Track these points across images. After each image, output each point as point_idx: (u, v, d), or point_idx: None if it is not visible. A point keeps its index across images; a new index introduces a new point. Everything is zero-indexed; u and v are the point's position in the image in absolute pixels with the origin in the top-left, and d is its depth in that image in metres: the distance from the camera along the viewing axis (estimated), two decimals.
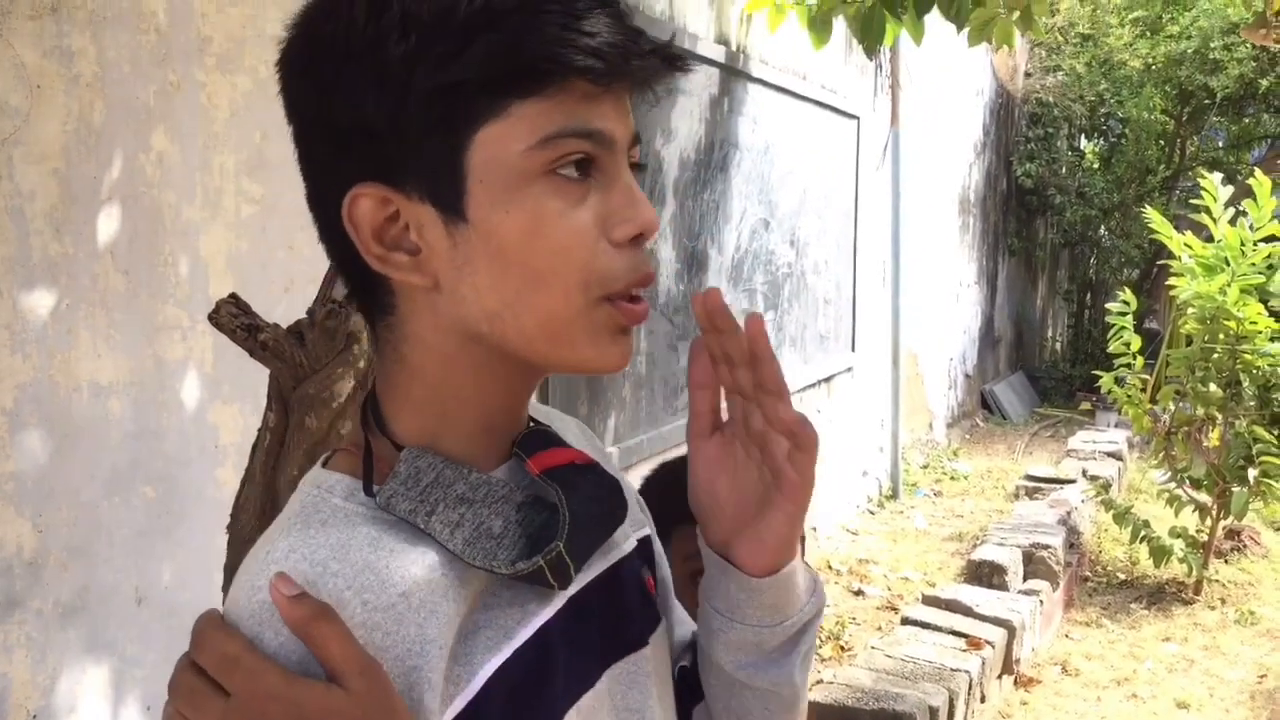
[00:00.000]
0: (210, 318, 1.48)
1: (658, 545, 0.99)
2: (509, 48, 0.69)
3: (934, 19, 3.50)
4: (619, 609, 0.87)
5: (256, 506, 1.56)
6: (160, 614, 2.26)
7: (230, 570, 1.60)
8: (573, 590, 0.81)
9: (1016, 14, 3.51)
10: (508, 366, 0.78)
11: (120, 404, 2.16)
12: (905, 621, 4.32)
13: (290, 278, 2.46)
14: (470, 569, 0.74)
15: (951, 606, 4.40)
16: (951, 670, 3.78)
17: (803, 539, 0.92)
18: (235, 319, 1.45)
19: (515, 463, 0.81)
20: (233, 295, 1.48)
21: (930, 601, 4.54)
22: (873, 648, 4.05)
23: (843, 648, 4.61)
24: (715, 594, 0.87)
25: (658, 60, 0.74)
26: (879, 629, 4.80)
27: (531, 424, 0.84)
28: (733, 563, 0.85)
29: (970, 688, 3.81)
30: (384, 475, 0.75)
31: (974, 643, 4.06)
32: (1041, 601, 4.77)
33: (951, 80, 8.73)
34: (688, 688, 0.96)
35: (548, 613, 0.79)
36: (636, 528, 0.94)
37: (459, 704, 0.73)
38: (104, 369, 2.12)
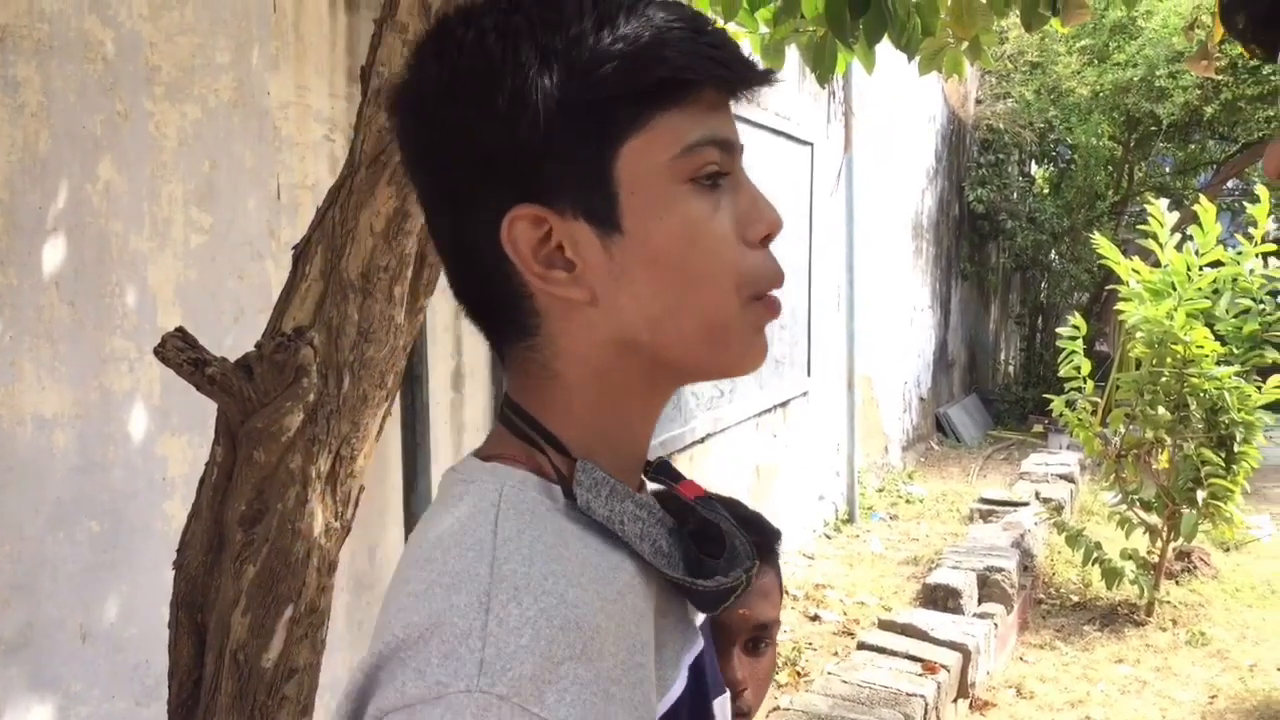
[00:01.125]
0: (156, 352, 1.46)
1: None
2: (649, 62, 0.72)
3: (885, 48, 3.53)
4: (711, 648, 0.91)
5: (204, 542, 1.54)
6: (106, 651, 2.22)
7: (179, 606, 1.58)
8: (700, 619, 0.85)
9: (965, 44, 3.55)
10: (661, 376, 0.80)
11: (65, 437, 2.12)
12: (861, 646, 4.33)
13: (240, 308, 2.44)
14: (649, 580, 0.76)
15: (907, 631, 4.42)
16: (907, 695, 3.80)
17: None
18: (181, 353, 1.43)
19: (649, 491, 0.85)
20: (179, 329, 1.46)
21: (886, 626, 4.55)
22: (829, 673, 4.06)
23: (799, 673, 4.61)
24: None
25: (759, 73, 0.78)
26: (835, 654, 4.80)
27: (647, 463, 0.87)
28: None
29: (926, 712, 3.82)
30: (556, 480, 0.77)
31: (929, 667, 4.08)
32: (996, 625, 4.80)
33: (904, 107, 8.83)
34: None
35: (701, 641, 0.83)
36: None
37: (664, 705, 0.76)
38: (48, 401, 2.09)
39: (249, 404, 1.46)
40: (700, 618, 0.84)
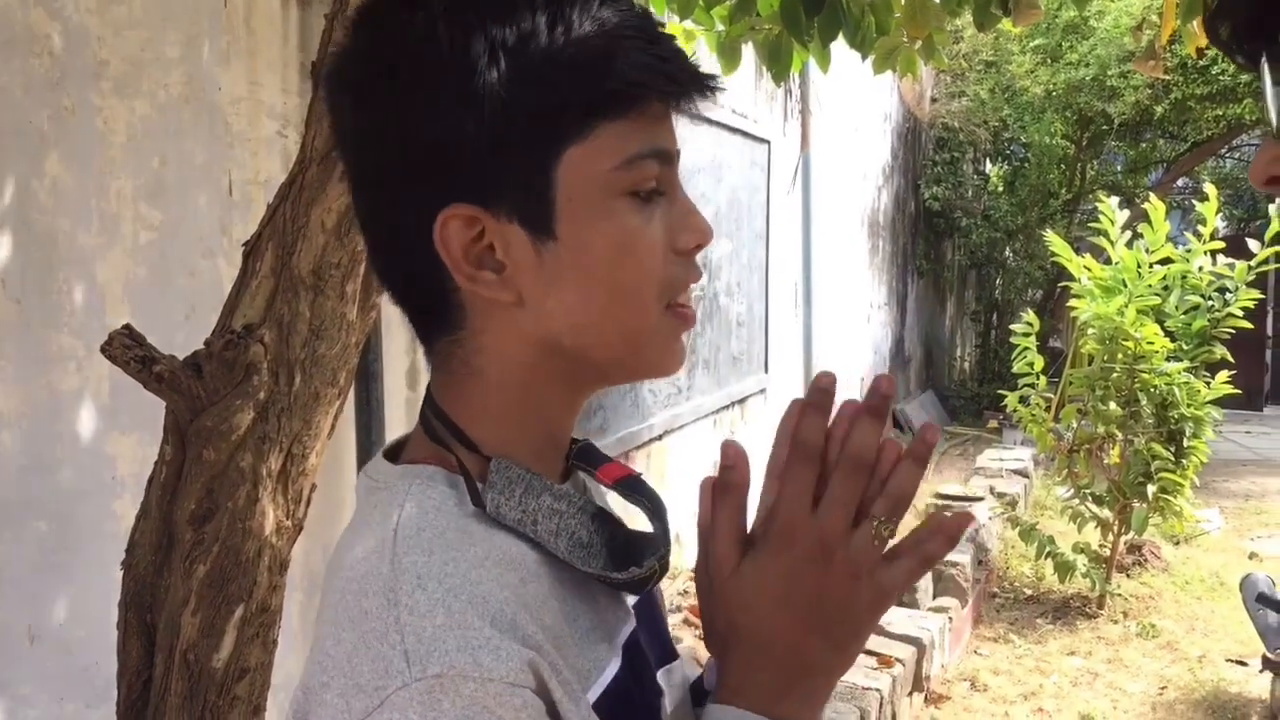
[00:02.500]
0: (103, 350, 1.44)
1: None
2: (602, 72, 0.72)
3: (841, 47, 3.55)
4: (657, 619, 0.92)
5: (153, 541, 1.53)
6: (54, 652, 2.19)
7: (128, 606, 1.56)
8: (632, 600, 0.85)
9: (919, 43, 3.58)
10: (582, 377, 0.81)
11: (11, 436, 2.09)
12: None
13: (191, 305, 2.42)
14: (562, 571, 0.76)
15: None
16: (863, 689, 3.82)
17: None
18: (129, 351, 1.42)
19: (574, 478, 0.85)
20: (126, 326, 1.45)
21: None
22: None
23: None
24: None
25: (706, 83, 0.77)
26: None
27: (572, 442, 0.87)
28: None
29: (881, 705, 3.85)
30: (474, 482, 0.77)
31: (885, 660, 4.11)
32: (951, 619, 4.85)
33: (860, 105, 8.87)
34: None
35: (633, 620, 0.83)
36: None
37: (593, 694, 0.74)
38: None
39: (198, 402, 1.45)
40: (633, 598, 0.85)
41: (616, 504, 0.90)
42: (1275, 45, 0.67)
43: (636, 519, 0.86)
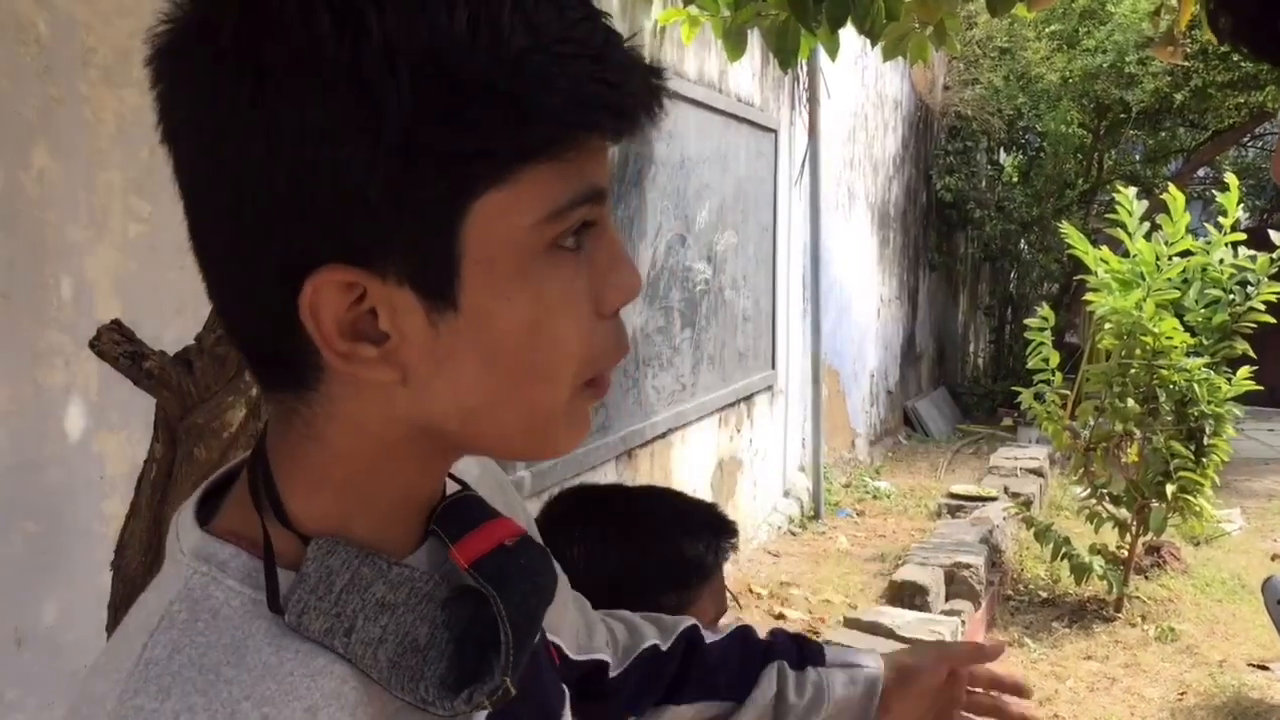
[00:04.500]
0: (91, 345, 1.45)
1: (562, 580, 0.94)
2: (532, 107, 0.57)
3: (849, 32, 3.56)
4: (538, 697, 0.81)
5: (143, 542, 1.53)
6: (43, 656, 2.20)
7: (117, 608, 1.57)
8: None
9: (930, 29, 3.58)
10: (455, 454, 0.71)
11: None
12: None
13: (182, 299, 2.42)
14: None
15: (873, 629, 4.46)
16: None
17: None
18: (118, 346, 1.42)
19: (434, 541, 0.71)
20: (115, 321, 1.45)
21: (852, 624, 4.59)
22: None
23: None
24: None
25: (653, 104, 0.63)
26: None
27: (450, 478, 0.76)
28: None
29: None
30: (285, 563, 0.65)
31: None
32: (963, 622, 4.85)
33: (870, 93, 8.87)
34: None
35: None
36: None
37: None
38: None
39: (189, 399, 1.46)
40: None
41: None
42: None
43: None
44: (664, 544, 1.47)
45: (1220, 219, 5.44)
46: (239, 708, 0.58)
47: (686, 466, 5.54)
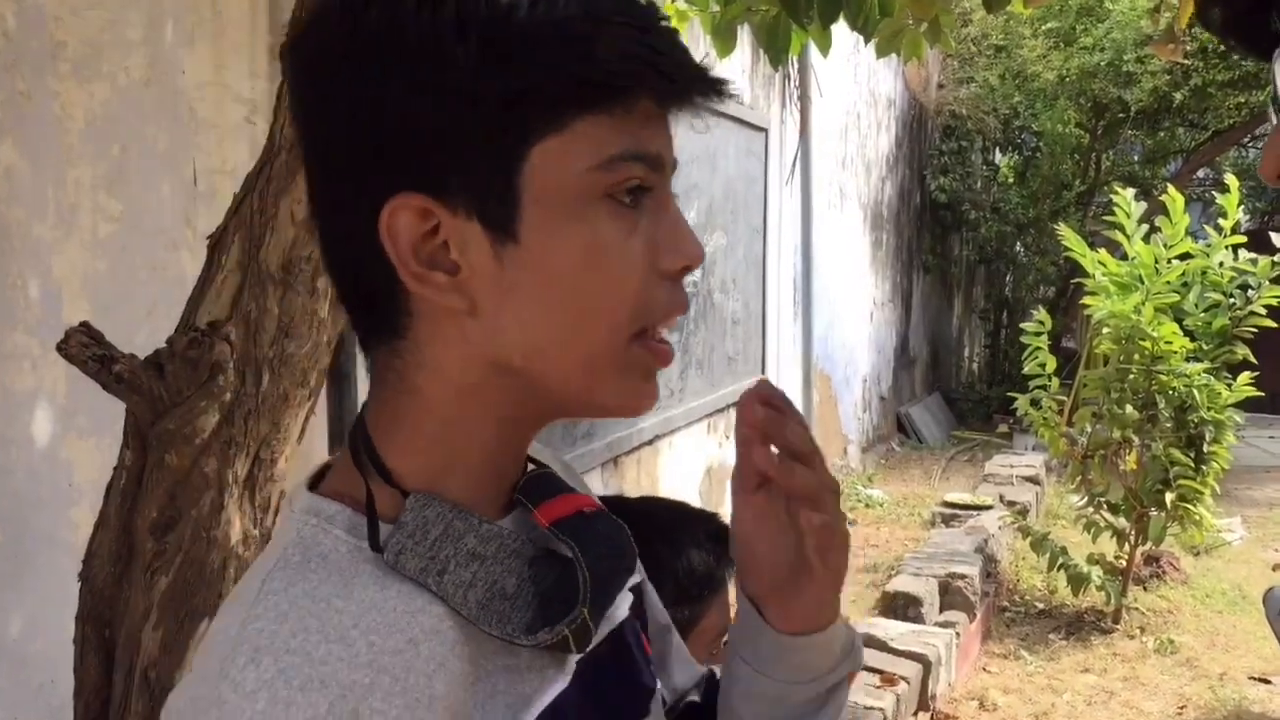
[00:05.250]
0: (59, 348, 1.44)
1: (649, 590, 0.99)
2: (580, 57, 0.68)
3: (842, 29, 3.56)
4: (624, 671, 0.86)
5: (111, 552, 1.52)
6: (8, 669, 2.18)
7: (85, 620, 1.56)
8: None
9: (925, 25, 3.58)
10: (531, 405, 0.76)
11: None
12: None
13: (153, 301, 2.41)
14: (475, 626, 0.72)
15: (866, 642, 4.45)
16: (865, 709, 3.83)
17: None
18: (86, 349, 1.41)
19: (520, 511, 0.79)
20: (84, 323, 1.45)
21: None
22: None
23: None
24: (744, 644, 0.89)
25: (710, 85, 0.73)
26: None
27: (529, 465, 0.83)
28: (765, 618, 0.86)
29: None
30: (386, 517, 0.73)
31: (888, 679, 4.12)
32: (958, 634, 4.86)
33: (863, 91, 8.89)
34: None
35: (564, 679, 0.77)
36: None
37: None
38: None
39: (160, 404, 1.45)
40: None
41: None
42: (1272, 33, 0.68)
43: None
44: (674, 557, 1.47)
45: (1220, 221, 5.47)
46: (348, 634, 0.66)
47: (674, 474, 5.54)
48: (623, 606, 0.87)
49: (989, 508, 6.81)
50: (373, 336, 0.76)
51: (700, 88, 0.73)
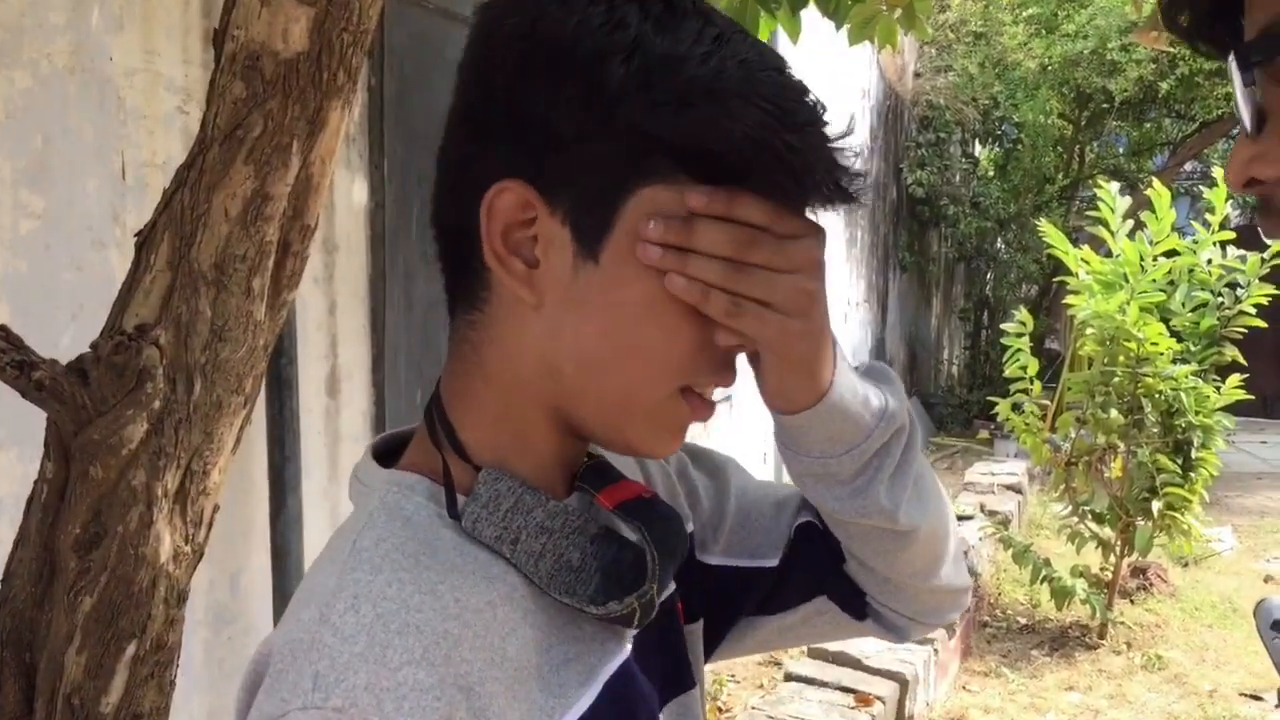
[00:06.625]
0: None
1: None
2: (717, 131, 0.75)
3: (812, 14, 3.58)
4: (670, 646, 0.96)
5: (32, 570, 1.51)
6: None
7: (4, 644, 1.54)
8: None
9: (899, 11, 3.60)
10: (565, 419, 0.84)
11: None
12: (789, 677, 4.38)
13: (78, 303, 2.39)
14: (546, 597, 0.80)
15: (839, 659, 4.48)
16: None
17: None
18: (5, 355, 1.40)
19: (581, 495, 0.89)
20: (2, 327, 1.43)
21: (816, 654, 4.60)
22: (754, 708, 4.10)
23: (721, 709, 4.65)
24: (775, 428, 0.95)
25: (839, 191, 0.80)
26: (761, 686, 4.85)
27: (587, 457, 0.91)
28: (766, 401, 0.92)
29: None
30: (461, 490, 0.81)
31: (863, 699, 4.14)
32: (936, 651, 4.88)
33: (835, 80, 8.93)
34: (823, 543, 1.04)
35: (625, 650, 0.86)
36: None
37: None
38: None
39: (84, 412, 1.43)
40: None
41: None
42: (1241, 36, 0.69)
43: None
44: None
45: (1208, 216, 5.52)
46: (437, 588, 0.74)
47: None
48: (670, 583, 0.94)
49: (969, 518, 6.85)
50: (458, 302, 0.85)
51: (823, 194, 0.80)
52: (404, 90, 3.20)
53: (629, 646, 0.87)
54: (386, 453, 0.90)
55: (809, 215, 0.82)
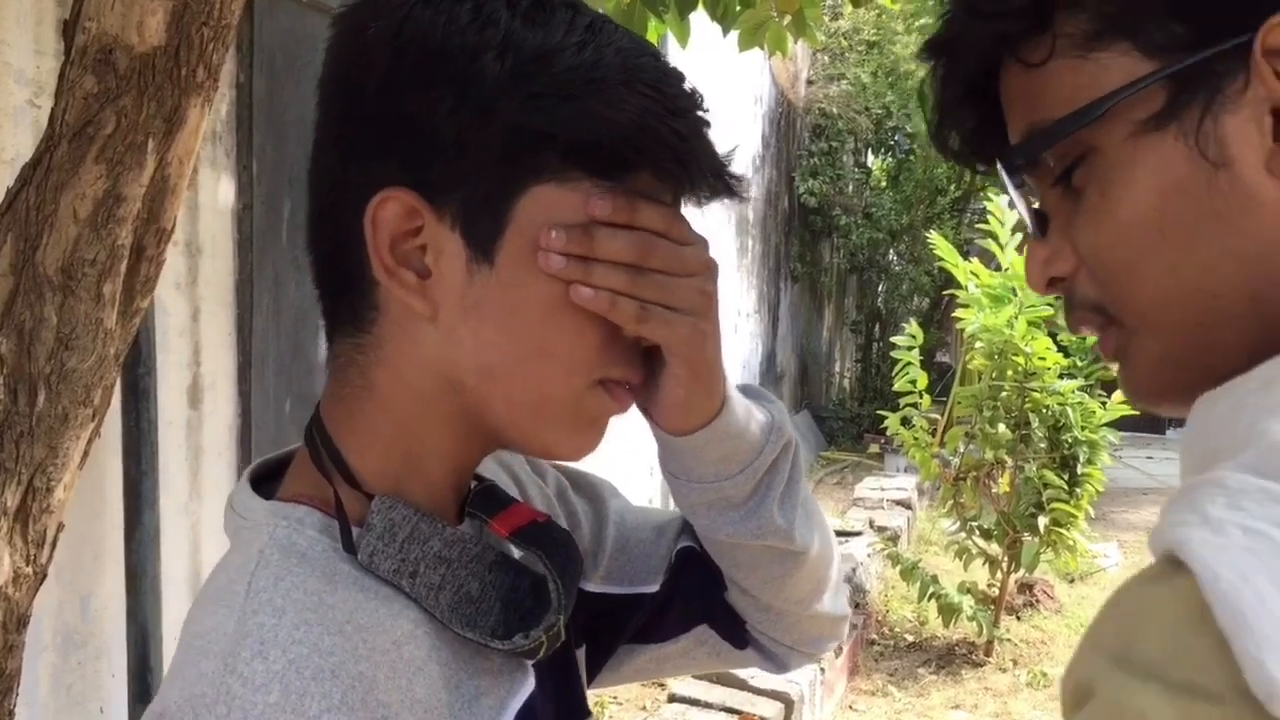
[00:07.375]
0: None
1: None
2: (604, 122, 0.75)
3: (701, 19, 3.60)
4: (566, 674, 0.95)
5: None
6: None
7: None
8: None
9: (789, 18, 3.65)
10: (475, 430, 0.83)
11: None
12: (672, 699, 4.40)
13: None
14: (449, 630, 0.79)
15: (724, 679, 4.50)
16: None
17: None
18: None
19: (473, 521, 0.87)
20: None
21: (700, 675, 4.61)
22: None
23: None
24: (664, 459, 0.96)
25: (723, 183, 0.81)
26: (644, 708, 4.85)
27: (475, 481, 0.90)
28: (656, 424, 0.92)
29: None
30: (353, 520, 0.79)
31: (747, 719, 4.16)
32: (823, 670, 4.93)
33: (726, 86, 9.00)
34: (703, 570, 1.04)
35: (530, 681, 0.85)
36: None
37: None
38: None
39: None
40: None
41: None
42: (1008, 154, 0.73)
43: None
44: None
45: None
46: (344, 628, 0.72)
47: None
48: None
49: (858, 534, 6.93)
50: (338, 327, 0.83)
51: (709, 184, 0.80)
52: (275, 87, 3.15)
53: (533, 679, 0.86)
54: (260, 479, 0.87)
55: (693, 213, 0.83)
